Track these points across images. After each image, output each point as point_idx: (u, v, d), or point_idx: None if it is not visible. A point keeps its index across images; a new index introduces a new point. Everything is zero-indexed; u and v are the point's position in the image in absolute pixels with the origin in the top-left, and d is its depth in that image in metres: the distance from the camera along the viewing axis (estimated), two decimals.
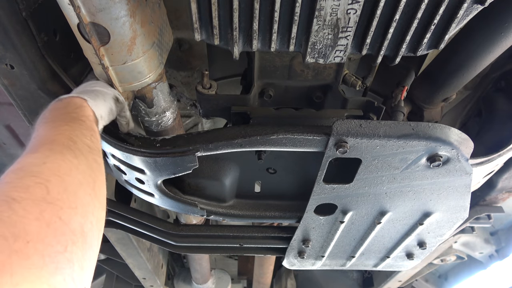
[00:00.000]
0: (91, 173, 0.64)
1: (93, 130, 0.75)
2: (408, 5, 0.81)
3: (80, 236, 0.53)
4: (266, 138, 1.06)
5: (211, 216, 1.46)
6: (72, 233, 0.51)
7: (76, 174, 0.60)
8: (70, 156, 0.62)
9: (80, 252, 0.52)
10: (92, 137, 0.72)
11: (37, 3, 0.97)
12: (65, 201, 0.53)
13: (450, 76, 1.30)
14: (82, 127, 0.72)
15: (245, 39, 0.88)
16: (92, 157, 0.68)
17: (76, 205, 0.55)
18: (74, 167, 0.61)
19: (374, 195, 1.27)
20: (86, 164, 0.64)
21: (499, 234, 2.57)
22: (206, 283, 3.44)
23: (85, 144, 0.68)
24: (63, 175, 0.57)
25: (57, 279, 0.46)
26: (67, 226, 0.51)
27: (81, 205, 0.56)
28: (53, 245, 0.48)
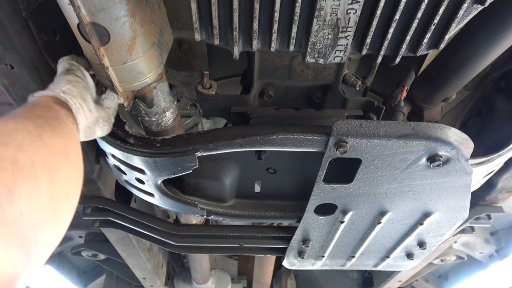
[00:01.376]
0: (36, 126, 0.66)
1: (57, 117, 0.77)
2: (408, 5, 0.81)
3: (10, 164, 0.55)
4: (266, 138, 1.06)
5: (211, 216, 1.46)
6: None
7: (12, 124, 0.63)
8: (11, 118, 0.65)
9: (9, 176, 0.54)
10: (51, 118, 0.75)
11: (37, 3, 0.97)
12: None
13: (450, 76, 1.30)
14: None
15: (245, 39, 0.88)
16: (40, 120, 0.69)
17: (8, 142, 0.58)
18: (13, 121, 0.64)
19: (374, 195, 1.27)
20: (30, 122, 0.67)
21: (499, 234, 2.57)
22: (206, 283, 3.44)
23: (35, 114, 0.71)
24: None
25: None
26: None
27: (15, 141, 0.59)
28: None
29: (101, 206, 1.63)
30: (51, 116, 0.74)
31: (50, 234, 0.63)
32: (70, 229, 2.40)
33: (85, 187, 1.56)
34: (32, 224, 0.56)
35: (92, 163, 1.42)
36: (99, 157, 1.44)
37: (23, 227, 0.54)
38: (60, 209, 0.66)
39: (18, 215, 0.54)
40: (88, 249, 2.54)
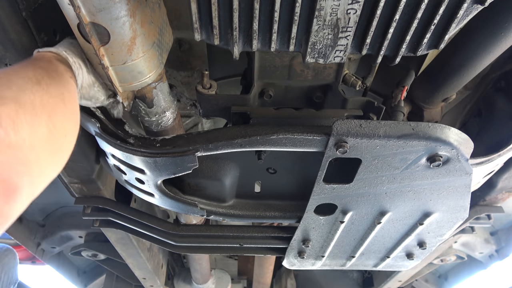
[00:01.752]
0: (35, 74, 0.73)
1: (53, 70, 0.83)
2: (408, 5, 0.81)
3: (13, 101, 0.63)
4: (266, 138, 1.06)
5: (211, 216, 1.46)
6: (1, 100, 0.62)
7: (14, 72, 0.70)
8: (14, 67, 0.73)
9: (12, 111, 0.62)
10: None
11: (37, 3, 0.97)
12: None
13: (450, 76, 1.30)
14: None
15: (245, 39, 0.88)
16: (41, 70, 0.77)
17: (10, 85, 0.66)
18: (15, 70, 0.72)
19: (374, 195, 1.27)
20: (31, 70, 0.74)
21: (499, 234, 2.57)
22: (206, 283, 3.44)
23: (37, 65, 0.78)
24: (0, 73, 0.69)
25: None
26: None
27: (16, 85, 0.67)
28: None
29: (101, 206, 1.63)
30: (51, 68, 0.81)
31: (50, 163, 0.72)
32: (70, 229, 2.42)
33: (85, 187, 1.56)
34: (33, 150, 0.64)
35: (92, 163, 1.42)
36: (99, 157, 1.44)
37: (25, 151, 0.63)
38: (58, 143, 0.75)
39: (22, 141, 0.62)
40: (88, 249, 2.54)
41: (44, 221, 2.39)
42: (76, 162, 1.38)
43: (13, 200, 0.60)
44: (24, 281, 3.18)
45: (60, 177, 1.51)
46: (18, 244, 2.34)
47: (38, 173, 0.67)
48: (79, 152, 1.33)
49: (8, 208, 0.59)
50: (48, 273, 3.35)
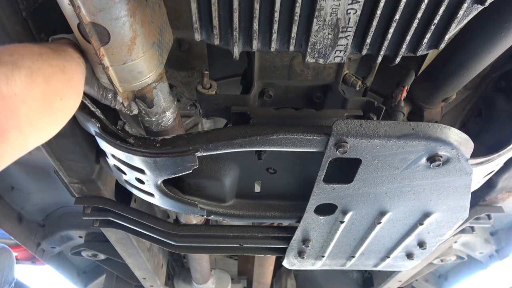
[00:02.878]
0: (40, 49, 0.80)
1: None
2: (408, 5, 0.81)
3: (11, 64, 0.71)
4: (266, 138, 1.06)
5: (211, 216, 1.46)
6: (0, 62, 0.70)
7: (22, 45, 0.78)
8: (25, 43, 0.80)
9: (8, 70, 0.70)
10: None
11: (37, 3, 0.97)
12: (1, 50, 0.73)
13: (450, 76, 1.30)
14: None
15: (245, 39, 0.88)
16: (47, 49, 0.83)
17: (12, 53, 0.74)
18: (23, 44, 0.79)
19: (374, 195, 1.27)
20: (37, 47, 0.81)
21: (499, 234, 2.57)
22: (206, 283, 3.44)
23: (46, 45, 0.85)
24: (10, 45, 0.77)
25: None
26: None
27: (17, 53, 0.74)
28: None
29: (101, 206, 1.63)
30: (59, 48, 0.87)
31: (41, 118, 0.79)
32: (70, 229, 2.42)
33: (85, 187, 1.56)
34: (24, 102, 0.72)
35: (92, 163, 1.42)
36: (99, 157, 1.44)
37: (15, 102, 0.70)
38: (53, 104, 0.82)
39: (13, 94, 0.70)
40: (88, 249, 2.54)
41: (44, 221, 2.40)
42: (76, 162, 1.38)
43: (2, 140, 0.68)
44: (24, 281, 3.18)
45: (60, 177, 1.51)
46: (18, 244, 2.34)
47: (27, 122, 0.74)
48: (79, 152, 1.33)
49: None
50: (48, 273, 3.36)
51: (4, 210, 2.08)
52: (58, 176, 1.51)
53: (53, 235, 2.40)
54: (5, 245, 2.69)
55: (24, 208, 2.21)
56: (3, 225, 2.06)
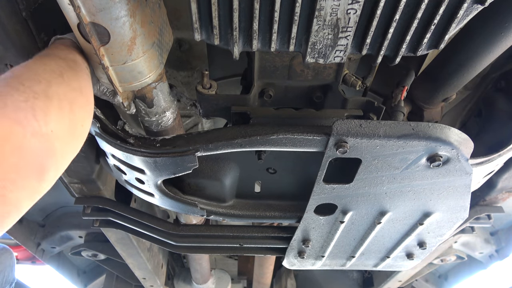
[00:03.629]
0: (58, 67, 0.82)
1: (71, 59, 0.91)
2: (408, 5, 0.81)
3: (43, 96, 0.73)
4: (266, 138, 1.06)
5: (211, 216, 1.46)
6: (33, 93, 0.71)
7: (40, 65, 0.79)
8: (39, 59, 0.82)
9: (43, 105, 0.72)
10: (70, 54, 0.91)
11: (37, 3, 0.97)
12: (27, 76, 0.75)
13: (450, 76, 1.30)
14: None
15: (245, 39, 0.88)
16: (62, 62, 0.85)
17: (39, 79, 0.75)
18: (41, 62, 0.81)
19: (374, 195, 1.27)
20: (54, 63, 0.83)
21: (499, 234, 2.57)
22: (206, 283, 3.44)
23: (58, 56, 0.86)
24: (28, 65, 0.78)
25: (18, 115, 0.67)
26: (29, 89, 0.72)
27: (44, 80, 0.76)
28: (14, 96, 0.69)
29: (101, 206, 1.63)
30: (70, 58, 0.89)
31: (69, 149, 0.84)
32: (70, 229, 2.42)
33: (85, 187, 1.56)
34: (59, 139, 0.76)
35: (92, 163, 1.42)
36: (99, 157, 1.44)
37: (53, 140, 0.74)
38: (76, 132, 0.85)
39: (50, 132, 0.73)
40: (88, 249, 2.54)
41: (44, 221, 2.39)
42: (76, 162, 1.38)
43: (43, 180, 0.73)
44: (24, 281, 3.18)
45: (60, 177, 1.51)
46: (18, 244, 2.34)
47: (61, 157, 0.78)
48: (79, 152, 1.33)
49: (40, 186, 0.73)
50: (48, 273, 3.35)
51: None
52: None
53: (53, 235, 2.40)
54: (5, 245, 2.69)
55: None
56: None
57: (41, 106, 0.71)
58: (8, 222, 0.68)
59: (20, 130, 0.66)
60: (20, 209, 0.69)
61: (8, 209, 0.66)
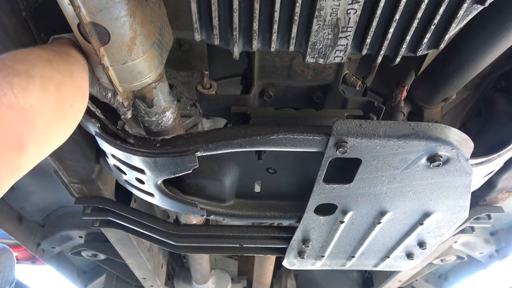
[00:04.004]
0: (47, 54, 0.82)
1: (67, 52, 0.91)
2: (408, 5, 0.81)
3: (24, 73, 0.73)
4: (266, 138, 1.06)
5: (211, 216, 1.46)
6: (14, 70, 0.72)
7: (29, 51, 0.79)
8: (31, 48, 0.82)
9: (23, 81, 0.72)
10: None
11: (37, 3, 0.97)
12: (12, 58, 0.75)
13: (450, 76, 1.30)
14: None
15: (245, 39, 0.88)
16: (53, 52, 0.85)
17: (23, 61, 0.75)
18: (30, 50, 0.80)
19: (374, 195, 1.27)
20: (44, 51, 0.83)
21: (499, 234, 2.57)
22: (206, 283, 3.44)
23: (52, 49, 0.86)
24: (16, 52, 0.78)
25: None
26: (10, 68, 0.72)
27: (28, 62, 0.76)
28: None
29: (101, 206, 1.63)
30: (64, 51, 0.89)
31: (55, 128, 0.82)
32: (70, 229, 2.42)
33: (85, 187, 1.56)
34: (39, 114, 0.74)
35: (92, 163, 1.42)
36: (99, 157, 1.44)
37: (32, 114, 0.73)
38: (65, 112, 0.84)
39: (29, 106, 0.72)
40: (88, 249, 2.54)
41: (44, 221, 2.39)
42: (76, 162, 1.38)
43: (22, 153, 0.71)
44: (24, 281, 3.18)
45: (60, 177, 1.51)
46: (18, 244, 2.34)
47: (43, 133, 0.77)
48: (79, 152, 1.33)
49: (18, 160, 0.71)
50: (48, 273, 3.35)
51: (4, 210, 2.08)
52: (58, 176, 1.51)
53: (53, 235, 2.40)
54: (5, 245, 2.69)
55: (24, 208, 2.20)
56: (3, 225, 2.06)
57: (20, 82, 0.71)
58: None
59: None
60: (0, 185, 0.68)
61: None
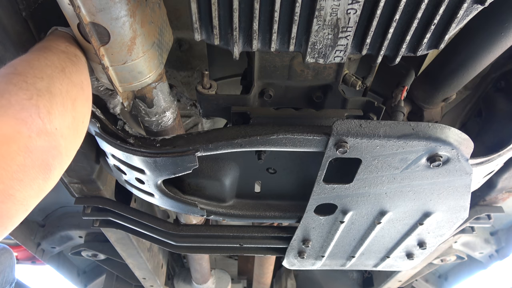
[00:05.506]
0: (60, 61, 0.82)
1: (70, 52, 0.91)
2: (408, 5, 0.81)
3: (47, 93, 0.73)
4: (266, 138, 1.06)
5: (211, 216, 1.46)
6: (37, 90, 0.71)
7: (43, 60, 0.79)
8: (41, 52, 0.82)
9: (47, 102, 0.72)
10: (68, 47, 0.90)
11: (37, 3, 0.97)
12: (30, 72, 0.74)
13: (450, 76, 1.30)
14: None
15: (245, 39, 0.88)
16: (64, 55, 0.85)
17: (42, 75, 0.75)
18: (43, 57, 0.80)
19: (374, 195, 1.27)
20: (56, 57, 0.82)
21: (499, 234, 2.57)
22: (206, 283, 3.44)
23: (59, 49, 0.86)
24: (30, 60, 0.78)
25: (23, 114, 0.67)
26: (32, 86, 0.71)
27: (46, 76, 0.75)
28: (19, 94, 0.69)
29: (101, 206, 1.63)
30: (71, 52, 0.89)
31: (73, 146, 0.84)
32: (70, 229, 2.42)
33: (85, 187, 1.56)
34: (63, 136, 0.76)
35: (92, 163, 1.42)
36: (99, 157, 1.44)
37: (57, 138, 0.74)
38: (78, 128, 0.85)
39: (54, 129, 0.73)
40: (88, 249, 2.54)
41: (44, 221, 2.39)
42: (76, 162, 1.38)
43: (49, 178, 0.74)
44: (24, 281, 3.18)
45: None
46: (18, 244, 2.34)
47: (65, 155, 0.79)
48: (79, 152, 1.33)
49: (45, 185, 0.74)
50: (48, 273, 3.35)
51: None
52: None
53: (53, 235, 2.40)
54: (5, 245, 2.69)
55: None
56: None
57: (45, 104, 0.71)
58: (16, 221, 0.69)
59: (25, 129, 0.67)
60: (27, 208, 0.70)
61: (17, 208, 0.67)
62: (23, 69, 0.74)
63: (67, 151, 0.79)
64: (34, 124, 0.68)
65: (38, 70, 0.75)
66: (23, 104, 0.68)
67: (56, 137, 0.73)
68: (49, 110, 0.72)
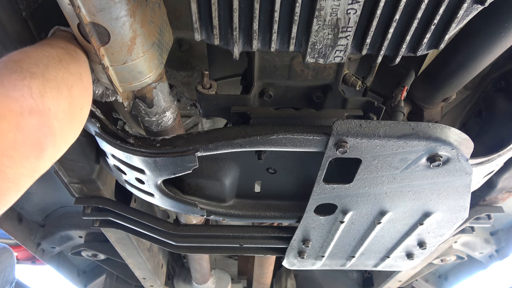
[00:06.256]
0: (57, 54, 0.83)
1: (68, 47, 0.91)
2: (408, 5, 0.81)
3: (41, 76, 0.73)
4: (266, 138, 1.06)
5: (211, 216, 1.46)
6: (30, 73, 0.72)
7: (40, 51, 0.80)
8: (39, 46, 0.83)
9: (40, 85, 0.72)
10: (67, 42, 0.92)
11: (37, 3, 0.97)
12: (26, 60, 0.75)
13: (450, 76, 1.30)
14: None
15: (245, 39, 0.88)
16: (62, 50, 0.86)
17: (37, 63, 0.75)
18: (40, 49, 0.80)
19: (374, 195, 1.27)
20: (54, 50, 0.83)
21: (499, 234, 2.57)
22: (206, 283, 3.44)
23: (59, 46, 0.87)
24: (27, 51, 0.78)
25: (15, 93, 0.68)
26: (26, 70, 0.72)
27: (42, 63, 0.76)
28: (12, 76, 0.70)
29: (101, 206, 1.63)
30: (71, 48, 0.90)
31: (68, 131, 0.84)
32: (70, 229, 2.42)
33: (85, 187, 1.56)
34: (57, 118, 0.76)
35: (92, 163, 1.42)
36: (99, 157, 1.44)
37: (50, 118, 0.74)
38: (75, 114, 0.85)
39: (47, 110, 0.73)
40: (88, 249, 2.54)
41: (44, 221, 2.39)
42: (76, 162, 1.38)
43: (42, 156, 0.73)
44: (24, 281, 3.18)
45: (60, 177, 1.51)
46: (18, 244, 2.34)
47: (59, 137, 0.78)
48: (79, 152, 1.33)
49: (38, 163, 0.73)
50: (48, 273, 3.35)
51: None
52: (58, 176, 1.51)
53: (53, 235, 2.40)
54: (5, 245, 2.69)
55: (24, 208, 2.20)
56: (3, 225, 2.06)
57: (38, 85, 0.72)
58: (8, 199, 0.68)
59: (17, 107, 0.67)
60: (19, 186, 0.70)
61: (8, 185, 0.66)
62: (19, 57, 0.75)
63: (61, 133, 0.78)
64: (26, 103, 0.68)
65: (35, 59, 0.76)
66: (15, 84, 0.69)
67: (49, 118, 0.73)
68: (41, 92, 0.72)
